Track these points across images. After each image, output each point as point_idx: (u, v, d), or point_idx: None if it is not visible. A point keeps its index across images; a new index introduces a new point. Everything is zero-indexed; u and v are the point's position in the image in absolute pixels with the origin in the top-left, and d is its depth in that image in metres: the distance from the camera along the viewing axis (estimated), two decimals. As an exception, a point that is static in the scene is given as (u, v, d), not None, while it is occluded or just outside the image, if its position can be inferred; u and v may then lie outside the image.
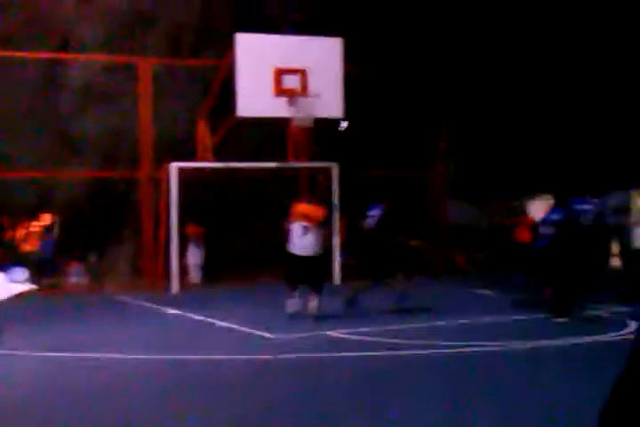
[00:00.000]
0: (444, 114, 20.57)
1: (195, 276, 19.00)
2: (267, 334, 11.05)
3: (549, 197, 16.03)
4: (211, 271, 19.05)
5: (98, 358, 9.56)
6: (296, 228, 12.15)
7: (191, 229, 19.05)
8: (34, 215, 23.46)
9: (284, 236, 12.49)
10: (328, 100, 16.92)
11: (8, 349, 9.85)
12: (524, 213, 18.43)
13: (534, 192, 22.62)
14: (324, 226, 12.45)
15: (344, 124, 19.75)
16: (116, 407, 7.08)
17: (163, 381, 8.35)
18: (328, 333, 11.00)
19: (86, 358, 9.59)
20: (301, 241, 12.09)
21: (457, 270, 20.22)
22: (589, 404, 3.34)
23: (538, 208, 16.69)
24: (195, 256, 19.06)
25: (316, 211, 12.36)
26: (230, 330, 11.76)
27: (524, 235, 18.18)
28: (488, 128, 22.35)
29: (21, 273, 5.96)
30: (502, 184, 22.45)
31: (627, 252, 15.00)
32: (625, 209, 16.34)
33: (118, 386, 8.05)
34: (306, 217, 12.12)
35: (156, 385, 8.14)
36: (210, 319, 12.82)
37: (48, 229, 19.63)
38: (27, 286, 5.98)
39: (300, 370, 8.80)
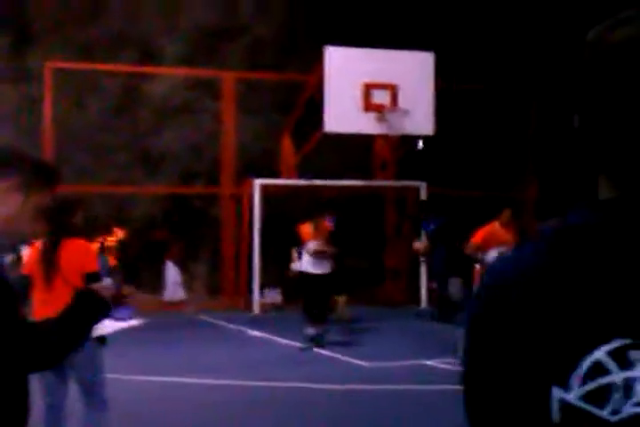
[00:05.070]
0: (534, 132, 19.77)
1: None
2: (360, 362, 10.40)
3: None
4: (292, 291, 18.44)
5: (187, 384, 9.02)
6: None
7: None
8: (109, 230, 23.24)
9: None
10: (418, 116, 16.27)
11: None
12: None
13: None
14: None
15: (420, 144, 19.14)
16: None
17: (255, 409, 7.77)
18: (427, 362, 10.30)
19: (174, 384, 9.05)
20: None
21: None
22: None
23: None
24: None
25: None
26: (319, 356, 11.14)
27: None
28: (576, 147, 21.41)
29: (127, 313, 5.57)
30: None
31: None
32: None
33: (214, 415, 7.49)
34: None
35: (246, 413, 7.56)
36: (296, 343, 12.21)
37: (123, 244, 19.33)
38: (131, 323, 5.58)
39: (397, 402, 8.14)
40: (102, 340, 5.59)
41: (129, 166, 21.02)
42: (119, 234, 20.59)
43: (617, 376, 0.99)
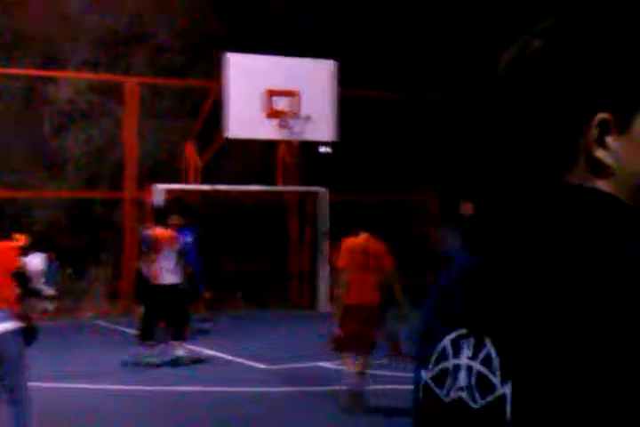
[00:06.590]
0: (432, 136, 20.26)
1: None
2: (257, 365, 10.52)
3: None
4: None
5: (81, 390, 9.00)
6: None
7: None
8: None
9: None
10: (320, 123, 16.52)
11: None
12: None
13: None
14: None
15: (325, 149, 19.39)
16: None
17: (148, 413, 7.80)
18: (322, 364, 10.47)
19: (68, 390, 9.02)
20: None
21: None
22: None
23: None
24: None
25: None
26: (217, 359, 11.21)
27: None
28: (477, 150, 22.00)
29: (1, 317, 5.70)
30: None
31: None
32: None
33: (107, 418, 7.50)
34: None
35: (140, 418, 7.60)
36: (195, 348, 12.25)
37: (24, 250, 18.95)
38: (6, 326, 5.73)
39: (291, 404, 8.29)
40: (29, 339, 5.71)
41: (30, 171, 20.72)
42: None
43: (450, 362, 1.09)
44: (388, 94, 19.68)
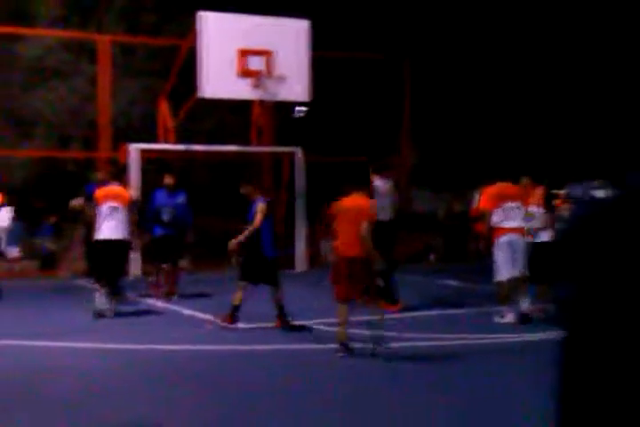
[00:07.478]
0: (409, 99, 20.32)
1: None
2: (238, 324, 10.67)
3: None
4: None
5: (50, 347, 9.13)
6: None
7: None
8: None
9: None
10: (294, 83, 16.52)
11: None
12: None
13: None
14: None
15: (301, 110, 19.41)
16: (88, 402, 6.70)
17: (131, 373, 7.97)
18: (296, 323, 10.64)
19: (33, 347, 9.15)
20: None
21: (416, 259, 19.99)
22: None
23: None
24: None
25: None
26: (196, 319, 11.37)
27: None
28: (452, 113, 22.14)
29: None
30: (463, 172, 22.26)
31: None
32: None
33: (88, 378, 7.66)
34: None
35: (123, 378, 7.76)
36: (174, 307, 12.42)
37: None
38: None
39: (273, 362, 8.47)
40: None
41: (1, 130, 20.58)
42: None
43: None
44: (361, 54, 19.68)
